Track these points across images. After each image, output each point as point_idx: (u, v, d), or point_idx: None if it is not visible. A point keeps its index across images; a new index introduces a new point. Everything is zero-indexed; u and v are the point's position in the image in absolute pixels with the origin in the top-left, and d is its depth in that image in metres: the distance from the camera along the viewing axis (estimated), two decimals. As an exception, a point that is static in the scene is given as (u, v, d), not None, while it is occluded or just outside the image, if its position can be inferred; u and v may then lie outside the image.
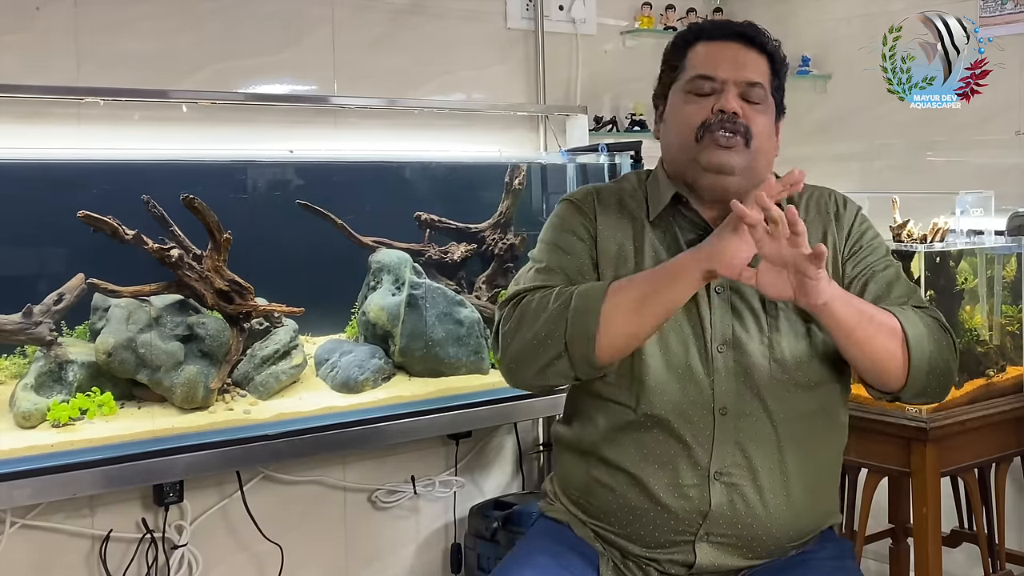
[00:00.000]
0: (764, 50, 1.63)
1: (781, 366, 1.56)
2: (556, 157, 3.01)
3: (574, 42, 3.18)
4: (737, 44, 1.61)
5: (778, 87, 1.64)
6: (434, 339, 2.55)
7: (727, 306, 1.57)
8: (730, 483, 1.53)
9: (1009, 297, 2.52)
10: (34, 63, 2.35)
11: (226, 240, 2.28)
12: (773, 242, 1.40)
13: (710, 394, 1.54)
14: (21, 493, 2.01)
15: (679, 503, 1.53)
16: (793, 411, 1.56)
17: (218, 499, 2.52)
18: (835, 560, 1.61)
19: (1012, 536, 2.65)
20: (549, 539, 1.63)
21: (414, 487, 2.82)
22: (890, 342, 1.51)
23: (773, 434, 1.55)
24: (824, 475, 1.63)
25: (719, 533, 1.54)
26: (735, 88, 1.57)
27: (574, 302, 1.49)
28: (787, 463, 1.55)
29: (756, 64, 1.61)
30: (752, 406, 1.55)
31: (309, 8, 2.73)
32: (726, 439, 1.54)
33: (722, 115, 1.55)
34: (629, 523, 1.57)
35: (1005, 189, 2.57)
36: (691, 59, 1.62)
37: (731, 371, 1.55)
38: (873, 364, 1.53)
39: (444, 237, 2.85)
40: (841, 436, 1.67)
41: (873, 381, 1.57)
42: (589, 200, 1.67)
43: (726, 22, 1.67)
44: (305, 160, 2.63)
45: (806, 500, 1.57)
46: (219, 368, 2.30)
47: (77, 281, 2.27)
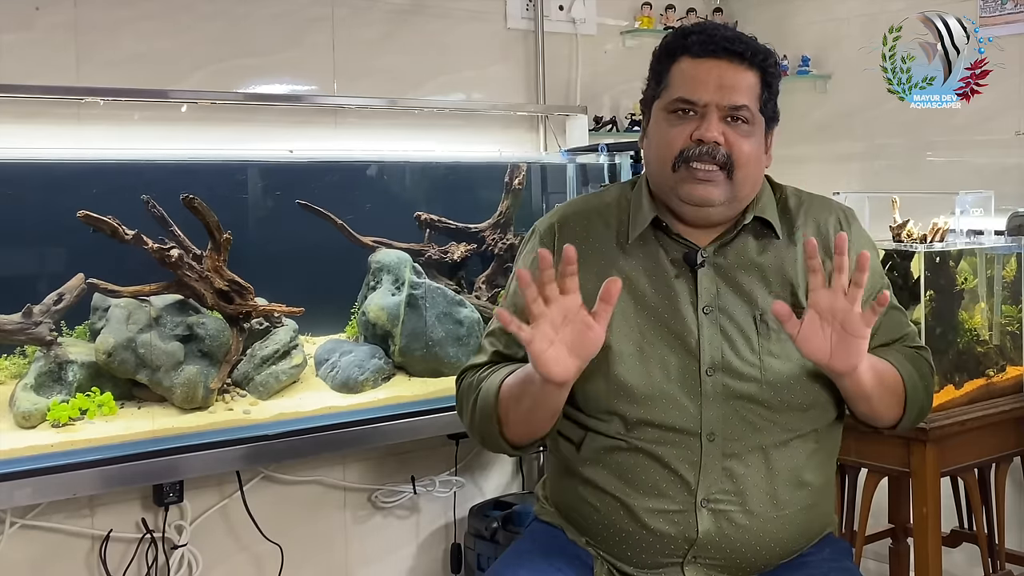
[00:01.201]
0: (753, 65, 1.53)
1: (773, 388, 1.50)
2: (556, 157, 3.01)
3: (574, 42, 3.18)
4: (724, 62, 1.51)
5: (768, 100, 1.55)
6: (434, 339, 2.55)
7: (716, 328, 1.51)
8: (718, 510, 1.49)
9: (1009, 297, 2.52)
10: (34, 63, 2.35)
11: (226, 240, 2.28)
12: (829, 293, 1.37)
13: (698, 419, 1.49)
14: (21, 493, 2.01)
15: (665, 528, 1.49)
16: (785, 434, 1.52)
17: (218, 499, 2.52)
18: (833, 561, 1.59)
19: (1012, 536, 2.65)
20: (543, 541, 1.61)
21: (414, 487, 2.82)
22: (892, 399, 1.55)
23: (763, 458, 1.50)
24: (818, 494, 1.57)
25: (707, 557, 1.50)
26: (718, 112, 1.50)
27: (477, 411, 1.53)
28: (778, 487, 1.51)
29: (743, 83, 1.51)
30: (741, 431, 1.50)
31: (309, 8, 2.73)
32: (713, 465, 1.49)
33: (701, 144, 1.48)
34: (616, 544, 1.54)
35: (1005, 189, 2.57)
36: (674, 76, 1.53)
37: (719, 395, 1.49)
38: (872, 416, 1.57)
39: (444, 237, 2.85)
40: (834, 453, 1.64)
41: (865, 422, 1.60)
42: (550, 234, 1.61)
43: (713, 35, 1.53)
44: (305, 160, 2.63)
45: (799, 520, 1.54)
46: (219, 368, 2.30)
47: (77, 281, 2.27)
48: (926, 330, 2.28)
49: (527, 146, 3.11)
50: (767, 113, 1.55)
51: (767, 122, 1.56)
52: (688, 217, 1.55)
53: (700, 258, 1.54)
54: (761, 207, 1.58)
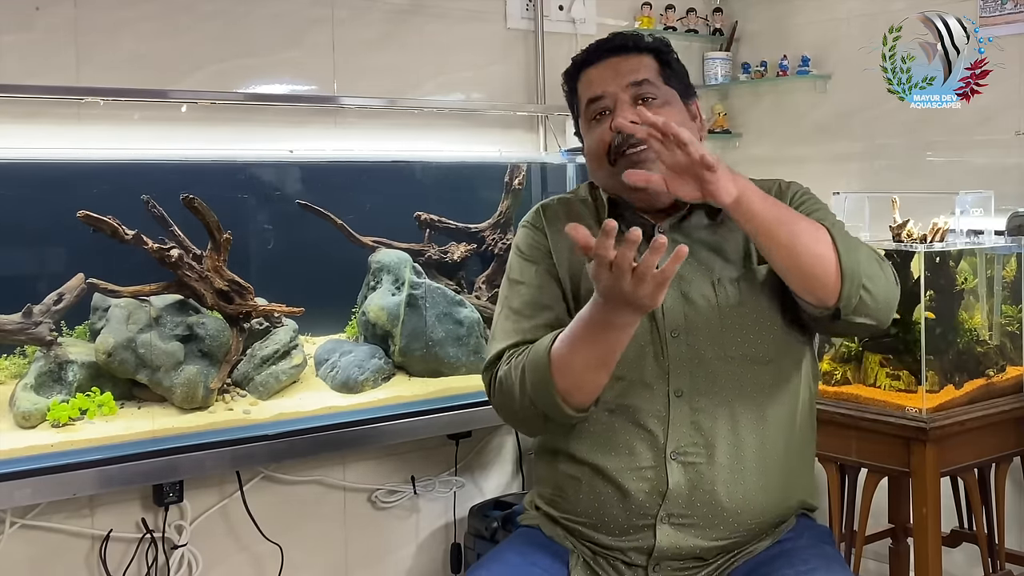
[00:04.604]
0: (642, 50, 1.66)
1: (734, 343, 1.58)
2: (556, 157, 3.02)
3: (574, 42, 3.17)
4: (614, 58, 1.65)
5: (672, 75, 1.67)
6: (434, 339, 2.55)
7: (677, 292, 1.58)
8: (687, 462, 1.56)
9: (1009, 297, 2.52)
10: (34, 63, 2.35)
11: (226, 240, 2.28)
12: (670, 153, 1.42)
13: (665, 379, 1.57)
14: (21, 493, 2.02)
15: (638, 485, 1.56)
16: (748, 387, 1.58)
17: (218, 499, 2.52)
18: (813, 548, 1.61)
19: (1012, 536, 2.65)
20: (520, 541, 1.67)
21: (414, 487, 2.82)
22: (817, 246, 1.48)
23: (728, 411, 1.57)
24: (786, 452, 1.62)
25: (679, 513, 1.55)
26: (625, 96, 1.61)
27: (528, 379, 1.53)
28: (744, 439, 1.57)
29: (637, 64, 1.64)
30: (707, 386, 1.57)
31: (309, 8, 2.72)
32: (682, 420, 1.56)
33: (620, 134, 1.57)
34: (595, 512, 1.60)
35: (1005, 189, 2.57)
36: (581, 88, 1.69)
37: (684, 355, 1.57)
38: (800, 269, 1.49)
39: (444, 237, 2.85)
40: (803, 412, 1.66)
41: (805, 292, 1.52)
42: (537, 218, 1.73)
43: (601, 41, 1.69)
44: (305, 160, 2.63)
45: (767, 478, 1.58)
46: (219, 368, 2.30)
47: (77, 281, 2.27)
48: (926, 330, 2.29)
49: (527, 146, 3.11)
50: (676, 86, 1.67)
51: (681, 94, 1.68)
52: (639, 202, 1.64)
53: (657, 232, 1.62)
54: None
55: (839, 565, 1.61)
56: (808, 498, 1.70)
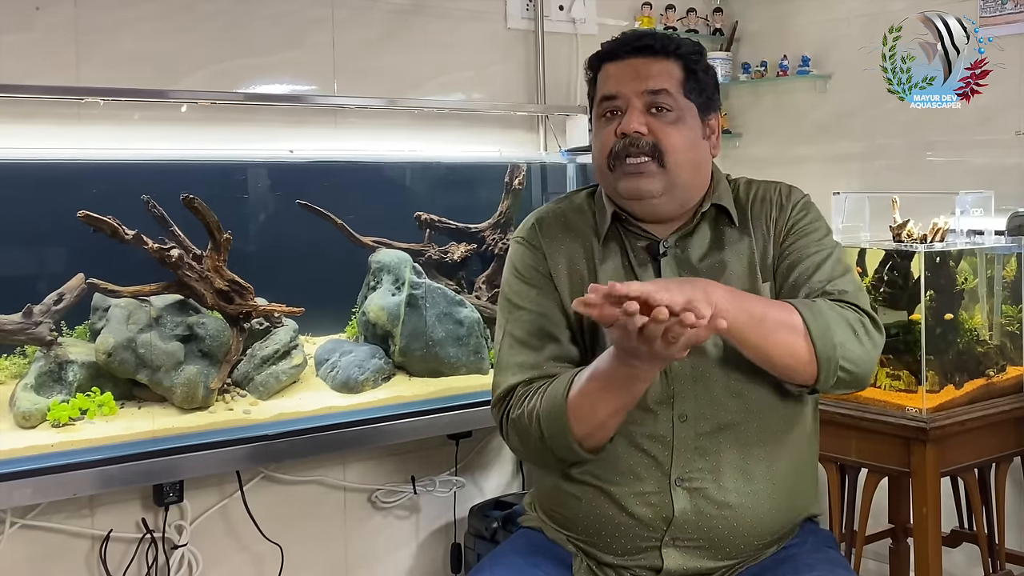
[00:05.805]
0: (669, 54, 1.57)
1: (737, 366, 1.53)
2: (556, 157, 3.02)
3: (574, 42, 3.17)
4: (639, 58, 1.57)
5: (695, 87, 1.58)
6: (434, 339, 2.55)
7: None
8: (692, 488, 1.53)
9: (1009, 297, 2.52)
10: (34, 63, 2.35)
11: (226, 240, 2.28)
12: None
13: (670, 403, 1.54)
14: (21, 493, 2.01)
15: (643, 511, 1.53)
16: (753, 408, 1.55)
17: (218, 499, 2.52)
18: (818, 552, 1.60)
19: (1012, 536, 2.65)
20: (523, 543, 1.65)
21: (414, 487, 2.82)
22: (788, 337, 1.45)
23: (734, 434, 1.54)
24: (794, 470, 1.60)
25: (685, 537, 1.53)
26: (639, 102, 1.55)
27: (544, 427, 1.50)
28: (750, 462, 1.55)
29: (659, 71, 1.56)
30: (711, 410, 1.54)
31: (309, 8, 2.72)
32: (686, 445, 1.53)
33: (625, 138, 1.53)
34: (596, 532, 1.57)
35: (1005, 189, 2.57)
36: (600, 82, 1.61)
37: (688, 377, 1.54)
38: (773, 364, 1.48)
39: (444, 237, 2.85)
40: (808, 428, 1.64)
41: (783, 378, 1.52)
42: (533, 233, 1.67)
43: (629, 37, 1.61)
44: (305, 160, 2.63)
45: (775, 496, 1.56)
46: (219, 368, 2.30)
47: (77, 281, 2.27)
48: (927, 330, 2.29)
49: (527, 146, 3.11)
50: (696, 100, 1.58)
51: (701, 109, 1.59)
52: (637, 213, 1.60)
53: (662, 248, 1.59)
54: (718, 195, 1.62)
55: (844, 570, 1.59)
56: (812, 503, 1.68)
